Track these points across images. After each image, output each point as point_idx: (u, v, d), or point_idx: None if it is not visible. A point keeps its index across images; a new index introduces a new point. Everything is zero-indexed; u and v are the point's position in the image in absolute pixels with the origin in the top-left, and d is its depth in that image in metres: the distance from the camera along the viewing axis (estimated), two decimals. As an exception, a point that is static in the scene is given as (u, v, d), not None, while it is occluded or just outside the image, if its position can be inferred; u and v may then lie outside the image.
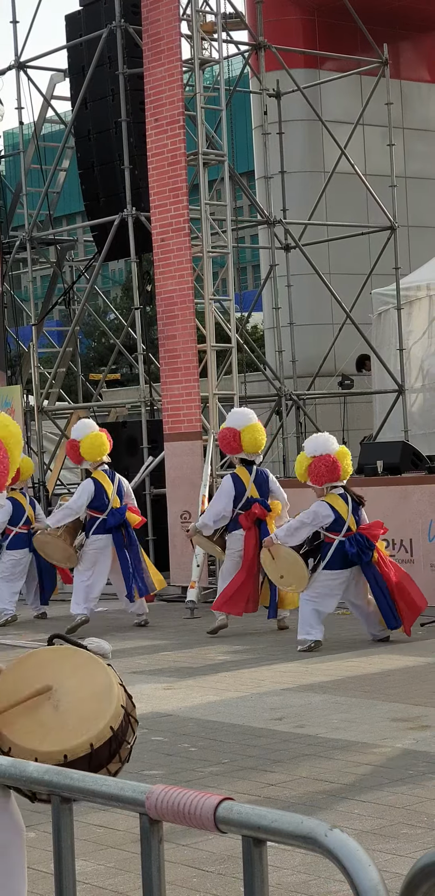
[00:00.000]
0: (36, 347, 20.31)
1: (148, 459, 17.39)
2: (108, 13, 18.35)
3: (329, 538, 12.06)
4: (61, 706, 4.43)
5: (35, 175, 21.21)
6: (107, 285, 50.29)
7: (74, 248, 24.12)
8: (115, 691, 4.49)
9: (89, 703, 4.45)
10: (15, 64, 20.04)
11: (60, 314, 32.91)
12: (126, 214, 18.07)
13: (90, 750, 4.29)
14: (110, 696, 4.48)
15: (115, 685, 4.51)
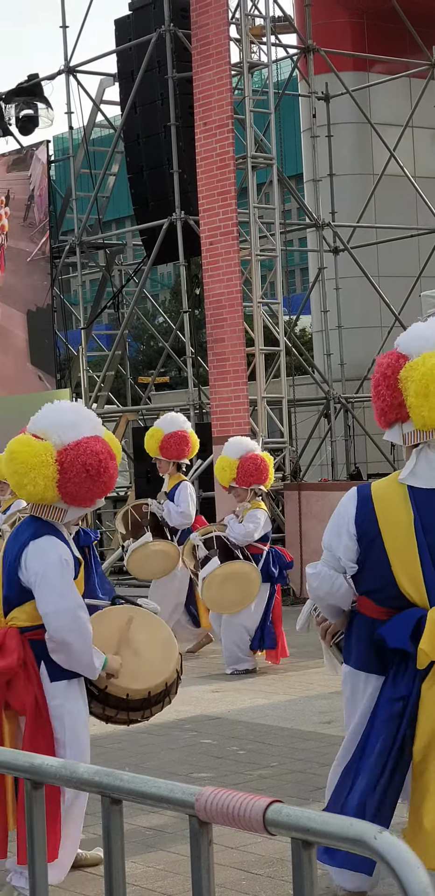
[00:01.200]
0: (85, 351, 20.40)
1: (196, 462, 17.42)
2: (158, 17, 18.40)
3: (258, 549, 11.55)
4: (139, 653, 5.82)
5: (84, 180, 21.30)
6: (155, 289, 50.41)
7: (123, 252, 24.21)
8: (175, 641, 6.01)
9: (159, 651, 5.90)
10: (65, 69, 20.15)
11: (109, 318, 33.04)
12: (175, 218, 18.11)
13: (165, 687, 5.84)
14: (173, 647, 5.97)
15: (173, 637, 6.03)
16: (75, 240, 20.14)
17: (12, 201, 20.30)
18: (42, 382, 19.69)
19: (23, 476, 5.52)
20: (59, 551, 5.52)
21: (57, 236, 20.74)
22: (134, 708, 5.81)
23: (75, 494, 5.52)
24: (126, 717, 5.87)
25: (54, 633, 5.46)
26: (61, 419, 5.62)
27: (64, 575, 5.49)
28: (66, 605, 5.45)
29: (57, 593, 5.45)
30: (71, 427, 5.58)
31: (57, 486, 5.50)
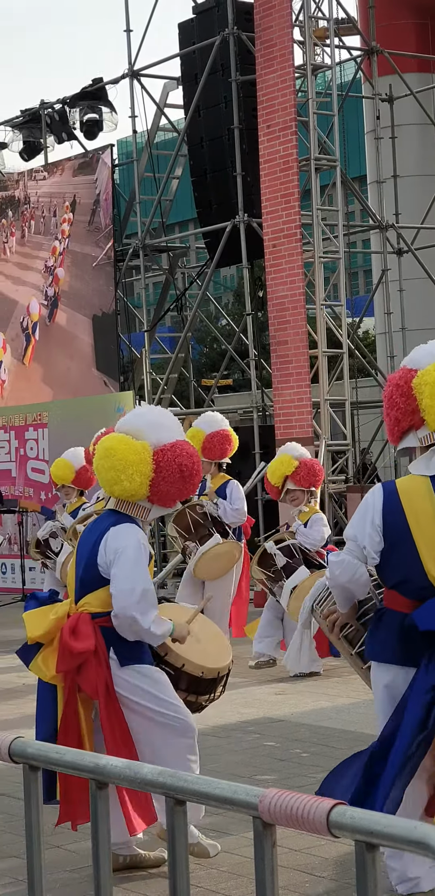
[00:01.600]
0: (148, 353, 20.47)
1: (260, 465, 17.41)
2: (221, 21, 18.44)
3: (321, 553, 11.57)
4: (202, 640, 6.20)
5: (148, 183, 21.39)
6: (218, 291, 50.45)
7: (186, 254, 24.26)
8: (225, 637, 6.56)
9: (215, 641, 6.41)
10: (128, 73, 20.23)
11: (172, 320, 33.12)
12: (238, 221, 18.13)
13: (228, 671, 6.30)
14: (225, 640, 6.58)
15: (222, 632, 6.67)
16: (139, 243, 20.23)
17: (78, 206, 20.42)
18: (107, 388, 19.74)
19: (120, 472, 5.78)
20: (137, 535, 5.80)
21: (120, 240, 20.84)
22: (202, 691, 6.12)
23: (165, 494, 5.84)
24: (195, 700, 6.09)
25: (119, 609, 5.67)
26: (156, 420, 5.96)
27: (140, 557, 5.74)
28: (133, 586, 5.65)
29: (128, 572, 5.69)
30: (166, 429, 5.91)
31: (150, 486, 5.80)
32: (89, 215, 20.20)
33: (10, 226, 21.92)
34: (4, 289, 21.96)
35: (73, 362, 20.48)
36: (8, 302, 21.83)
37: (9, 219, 21.92)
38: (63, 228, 20.64)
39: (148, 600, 5.70)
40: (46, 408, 19.40)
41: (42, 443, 18.87)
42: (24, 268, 21.66)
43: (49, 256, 20.78)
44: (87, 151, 21.05)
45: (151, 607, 5.73)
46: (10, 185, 22.21)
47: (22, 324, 21.38)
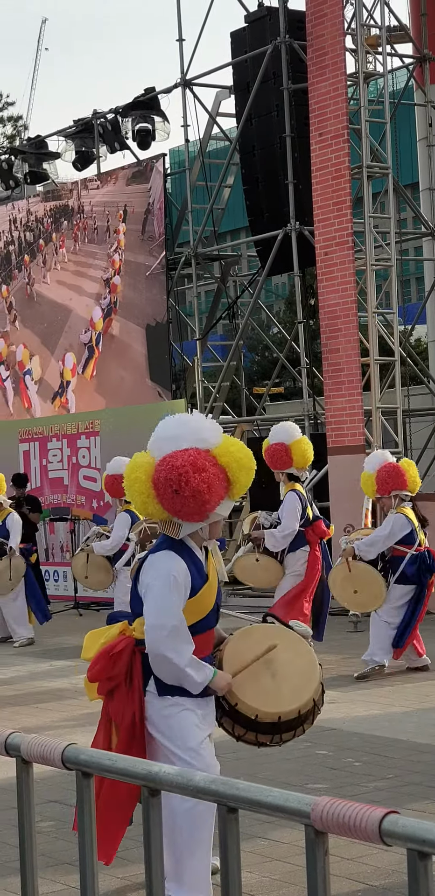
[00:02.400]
0: (200, 362, 20.52)
1: (311, 473, 17.39)
2: (273, 29, 18.46)
3: (400, 552, 11.76)
4: (278, 675, 5.64)
5: (200, 192, 21.44)
6: (270, 299, 50.45)
7: (238, 263, 24.29)
8: (318, 670, 5.75)
9: (299, 676, 5.69)
10: (181, 82, 20.30)
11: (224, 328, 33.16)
12: (290, 229, 18.14)
13: (298, 714, 5.63)
14: (315, 673, 5.74)
15: (318, 665, 5.76)
16: (191, 251, 20.28)
17: (131, 215, 20.50)
18: (161, 399, 19.75)
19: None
20: (169, 566, 5.45)
21: (173, 248, 20.91)
22: (263, 731, 5.64)
23: (174, 510, 5.48)
24: (254, 738, 5.69)
25: (149, 645, 5.44)
26: (162, 433, 5.60)
27: (168, 590, 5.41)
28: (162, 622, 5.38)
29: (157, 607, 5.42)
30: (170, 441, 5.52)
31: (158, 503, 5.50)
32: (142, 224, 20.27)
33: (62, 235, 22.04)
34: (57, 297, 22.08)
35: (127, 372, 20.52)
36: (62, 310, 21.94)
37: (62, 228, 22.05)
38: (119, 238, 20.72)
39: (180, 637, 5.41)
40: (98, 416, 19.48)
41: (94, 451, 18.97)
42: (77, 276, 21.77)
43: (108, 267, 20.84)
44: (139, 161, 21.13)
45: (184, 644, 5.42)
46: (63, 195, 22.34)
47: (84, 335, 21.36)
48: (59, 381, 21.69)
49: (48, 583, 18.91)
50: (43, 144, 23.62)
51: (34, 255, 22.65)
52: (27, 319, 22.69)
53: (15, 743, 3.55)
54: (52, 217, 22.32)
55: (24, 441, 20.25)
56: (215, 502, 5.46)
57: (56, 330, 22.04)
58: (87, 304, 21.40)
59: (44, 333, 22.25)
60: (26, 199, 23.78)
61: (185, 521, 5.49)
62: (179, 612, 5.43)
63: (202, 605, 5.56)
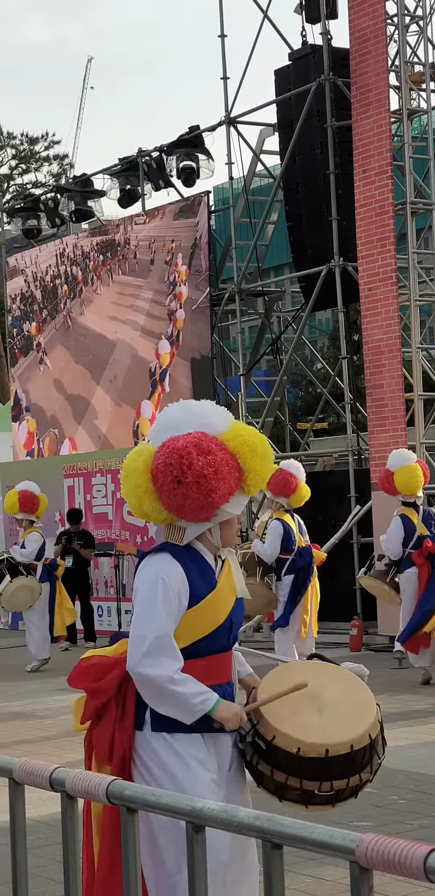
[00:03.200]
0: (244, 397, 20.56)
1: (355, 508, 17.36)
2: (317, 67, 18.54)
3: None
4: (324, 711, 4.63)
5: (244, 228, 21.53)
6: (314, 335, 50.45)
7: (282, 298, 24.35)
8: (374, 706, 4.75)
9: (350, 711, 4.68)
10: (225, 120, 20.42)
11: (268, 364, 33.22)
12: (333, 265, 18.17)
13: (350, 750, 4.54)
14: (370, 709, 4.72)
15: (374, 702, 4.78)
16: (235, 287, 20.36)
17: (179, 248, 20.62)
18: (203, 431, 19.83)
19: (122, 485, 4.76)
20: (159, 569, 4.56)
21: (217, 284, 21.00)
22: (309, 774, 4.52)
23: (176, 506, 4.57)
24: (299, 785, 4.55)
25: (128, 663, 4.53)
26: (162, 421, 4.76)
27: (152, 596, 4.51)
28: (142, 632, 4.49)
29: (137, 616, 4.55)
30: (168, 427, 4.68)
31: (157, 499, 4.61)
32: (189, 258, 20.39)
33: (108, 269, 22.21)
34: (102, 329, 22.26)
35: (170, 402, 20.61)
36: (106, 343, 22.12)
37: (108, 262, 22.22)
38: (178, 272, 20.76)
39: (162, 650, 4.46)
40: (143, 451, 19.52)
41: (138, 486, 19.00)
42: (122, 308, 21.92)
43: (172, 300, 20.93)
44: (185, 197, 21.24)
45: (166, 658, 4.46)
46: (110, 230, 22.51)
47: (151, 369, 21.43)
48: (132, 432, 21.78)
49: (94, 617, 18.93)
50: (88, 182, 23.83)
51: (80, 289, 22.85)
52: (72, 350, 22.91)
53: (60, 778, 3.56)
54: (98, 251, 22.51)
55: (69, 476, 20.35)
56: (224, 493, 4.54)
57: (101, 361, 22.23)
58: (131, 336, 21.57)
59: (89, 365, 22.48)
60: (75, 235, 24.01)
61: (189, 522, 4.61)
62: (165, 621, 4.48)
63: (208, 618, 4.60)
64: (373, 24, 16.70)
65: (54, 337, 23.53)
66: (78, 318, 22.92)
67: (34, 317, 24.02)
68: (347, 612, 16.97)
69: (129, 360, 21.69)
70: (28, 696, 13.98)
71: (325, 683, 4.75)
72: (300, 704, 4.64)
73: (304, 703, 4.65)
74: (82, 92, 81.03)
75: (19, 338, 24.53)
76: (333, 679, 4.82)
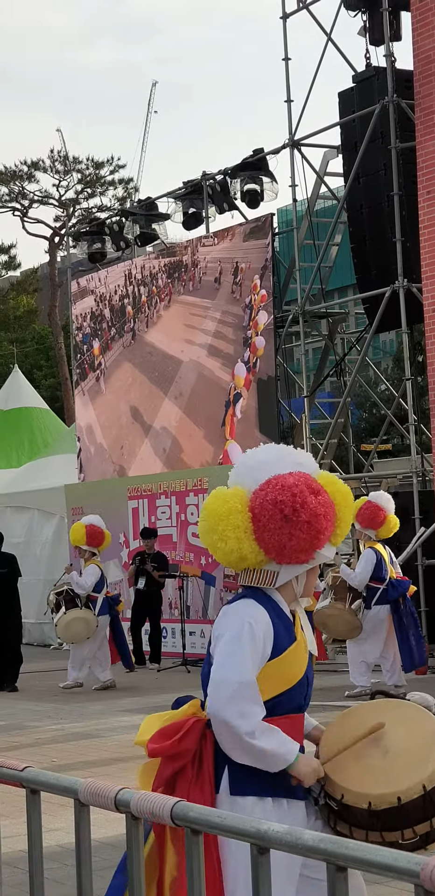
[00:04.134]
0: (308, 419, 20.55)
1: (420, 530, 17.28)
2: (381, 89, 18.54)
3: None
4: (390, 752, 4.39)
5: (308, 250, 21.55)
6: (378, 356, 50.35)
7: (346, 320, 24.34)
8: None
9: (419, 749, 4.37)
10: (289, 142, 20.46)
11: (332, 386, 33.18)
12: (397, 286, 18.13)
13: (423, 791, 4.23)
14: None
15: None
16: (298, 309, 20.37)
17: (248, 270, 20.68)
18: (267, 451, 19.91)
19: (212, 533, 4.47)
20: (246, 612, 4.37)
21: (280, 306, 21.02)
22: (387, 825, 4.25)
23: (278, 546, 4.39)
24: (380, 840, 4.26)
25: (209, 709, 4.31)
26: (251, 461, 4.59)
27: (238, 640, 4.30)
28: (226, 677, 4.27)
29: (221, 661, 4.32)
30: (263, 466, 4.52)
31: (255, 540, 4.41)
32: (260, 279, 20.45)
33: (175, 286, 22.34)
34: (169, 349, 22.41)
35: (238, 423, 20.73)
36: (173, 361, 22.26)
37: (175, 282, 22.35)
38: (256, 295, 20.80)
39: (247, 698, 4.23)
40: (207, 473, 19.60)
41: (203, 508, 19.05)
42: (188, 328, 22.05)
43: (250, 328, 21.02)
44: (256, 218, 21.27)
45: (251, 706, 4.24)
46: (178, 252, 22.63)
47: (227, 391, 21.54)
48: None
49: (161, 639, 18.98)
50: (153, 206, 23.99)
51: (147, 309, 23.03)
52: (139, 367, 23.11)
53: (125, 799, 3.58)
54: (166, 272, 22.66)
55: (133, 498, 20.44)
56: (326, 537, 4.45)
57: (167, 379, 22.37)
58: (198, 355, 21.69)
59: (156, 381, 22.67)
60: (143, 256, 24.17)
61: (284, 565, 4.43)
62: (250, 668, 4.28)
63: (289, 672, 4.41)
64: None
65: (122, 354, 23.75)
66: (144, 336, 23.10)
67: (103, 334, 24.25)
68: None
69: (196, 378, 21.79)
70: (93, 717, 14.05)
71: (391, 722, 4.51)
72: (364, 751, 4.43)
73: (368, 749, 4.44)
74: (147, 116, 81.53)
75: (89, 354, 24.76)
76: (399, 716, 4.56)
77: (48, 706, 15.10)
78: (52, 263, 51.00)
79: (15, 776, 3.96)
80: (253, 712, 4.22)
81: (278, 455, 4.56)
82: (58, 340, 48.97)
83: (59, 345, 48.65)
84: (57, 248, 50.52)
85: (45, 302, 57.42)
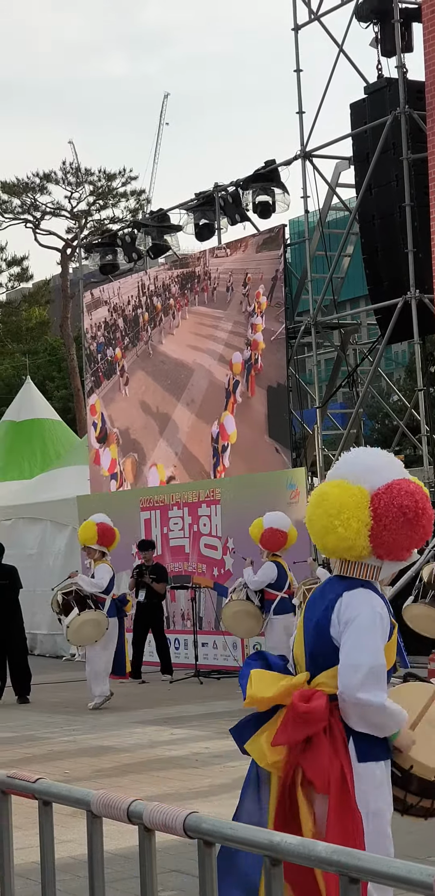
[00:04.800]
0: (320, 430, 20.54)
1: (432, 542, 17.23)
2: (393, 100, 18.55)
3: None
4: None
5: (320, 261, 21.56)
6: (390, 367, 50.32)
7: (358, 331, 24.32)
8: None
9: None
10: (301, 154, 20.48)
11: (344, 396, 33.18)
12: (409, 297, 18.12)
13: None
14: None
15: None
16: (311, 320, 20.37)
17: (259, 281, 20.69)
18: (278, 455, 19.94)
19: (334, 517, 4.93)
20: (373, 603, 4.90)
21: (293, 317, 21.03)
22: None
23: (391, 544, 4.93)
24: (430, 806, 5.16)
25: (340, 689, 4.80)
26: (370, 463, 5.09)
27: (372, 627, 4.85)
28: (357, 661, 4.78)
29: (353, 644, 4.82)
30: (381, 471, 5.05)
31: (369, 537, 4.93)
32: (270, 290, 20.46)
33: (187, 297, 22.37)
34: (179, 356, 22.46)
35: (247, 428, 20.76)
36: (185, 369, 22.30)
37: (187, 293, 22.38)
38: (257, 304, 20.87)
39: (376, 678, 4.78)
40: (219, 484, 19.60)
41: (215, 519, 19.05)
42: (200, 338, 22.08)
43: (250, 330, 21.06)
44: (269, 229, 21.26)
45: (381, 686, 4.80)
46: (190, 263, 22.65)
47: (225, 383, 21.67)
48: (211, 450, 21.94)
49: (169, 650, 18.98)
50: (165, 217, 24.01)
51: (160, 318, 23.07)
52: (152, 375, 23.17)
53: (137, 811, 3.58)
54: (178, 283, 22.69)
55: (146, 509, 20.44)
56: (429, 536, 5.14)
57: (180, 386, 22.43)
58: (209, 363, 21.74)
59: (169, 388, 22.75)
60: (156, 267, 24.19)
61: (389, 561, 5.00)
62: (380, 652, 4.84)
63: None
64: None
65: (135, 363, 23.80)
66: (157, 346, 23.14)
67: (117, 343, 24.30)
68: (426, 645, 16.81)
69: (207, 385, 21.84)
70: (105, 728, 14.04)
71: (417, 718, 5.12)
72: (423, 729, 5.06)
73: (425, 728, 5.07)
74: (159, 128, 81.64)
75: (103, 362, 24.80)
76: (420, 714, 5.14)
77: (60, 718, 15.09)
78: (64, 275, 51.08)
79: (27, 788, 3.97)
80: (381, 694, 4.79)
81: (386, 461, 5.14)
82: (70, 352, 49.02)
83: (71, 356, 48.70)
84: (69, 260, 50.59)
85: (57, 313, 57.54)
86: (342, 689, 4.79)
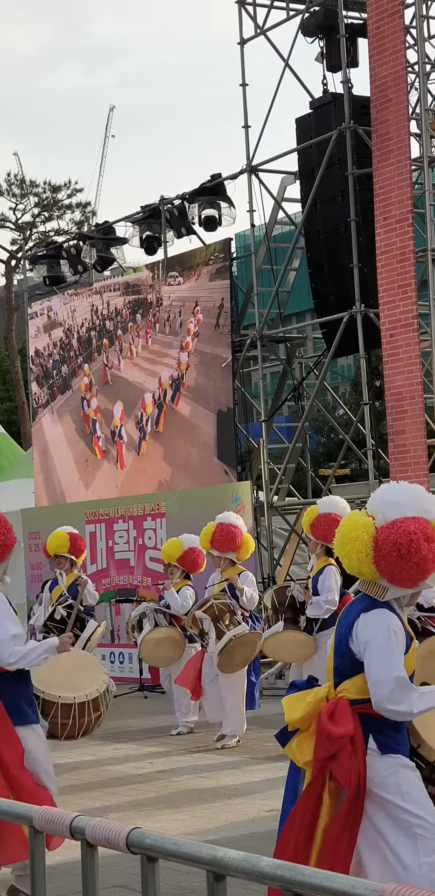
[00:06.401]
0: (266, 443, 20.55)
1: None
2: (338, 115, 18.63)
3: None
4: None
5: (266, 275, 21.59)
6: (336, 381, 50.52)
7: (304, 345, 24.38)
8: None
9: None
10: (247, 168, 20.51)
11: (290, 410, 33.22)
12: (355, 311, 18.20)
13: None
14: None
15: None
16: (256, 333, 20.40)
17: (211, 309, 20.65)
18: (227, 476, 19.92)
19: (341, 549, 5.75)
20: (387, 622, 5.62)
21: (238, 330, 21.05)
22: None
23: (390, 573, 5.62)
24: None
25: (376, 703, 5.54)
26: (386, 498, 5.78)
27: (388, 645, 5.57)
28: (384, 677, 5.51)
29: (377, 663, 5.55)
30: (394, 506, 5.69)
31: (373, 563, 5.64)
32: (216, 318, 20.47)
33: (138, 328, 22.34)
34: (133, 378, 22.44)
35: (195, 448, 20.75)
36: (136, 390, 22.29)
37: (137, 321, 22.34)
38: (189, 328, 20.96)
39: (402, 687, 5.53)
40: (164, 498, 19.57)
41: (160, 532, 19.02)
42: (152, 363, 22.06)
43: (180, 352, 21.12)
44: (223, 257, 21.25)
45: (406, 694, 5.54)
46: (143, 289, 22.53)
47: (137, 416, 21.79)
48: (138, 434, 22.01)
49: (114, 665, 18.94)
50: (110, 230, 23.95)
51: (112, 342, 23.00)
52: (104, 396, 23.11)
53: (80, 826, 3.55)
54: (130, 309, 22.66)
55: (91, 522, 20.37)
56: (431, 572, 5.68)
57: (130, 406, 22.40)
58: (159, 386, 21.79)
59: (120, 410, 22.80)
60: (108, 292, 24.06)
61: (393, 585, 5.67)
62: (400, 665, 5.56)
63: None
64: (393, 73, 16.79)
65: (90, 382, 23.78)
66: (110, 368, 23.04)
67: (71, 362, 24.20)
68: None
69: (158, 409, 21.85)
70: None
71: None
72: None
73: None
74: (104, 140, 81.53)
75: (58, 378, 24.66)
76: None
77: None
78: (9, 287, 50.81)
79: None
80: (408, 696, 5.51)
81: (407, 498, 5.72)
82: (14, 364, 48.77)
83: (15, 368, 48.45)
84: (13, 272, 50.36)
85: (0, 326, 57.23)
86: (375, 704, 5.54)
